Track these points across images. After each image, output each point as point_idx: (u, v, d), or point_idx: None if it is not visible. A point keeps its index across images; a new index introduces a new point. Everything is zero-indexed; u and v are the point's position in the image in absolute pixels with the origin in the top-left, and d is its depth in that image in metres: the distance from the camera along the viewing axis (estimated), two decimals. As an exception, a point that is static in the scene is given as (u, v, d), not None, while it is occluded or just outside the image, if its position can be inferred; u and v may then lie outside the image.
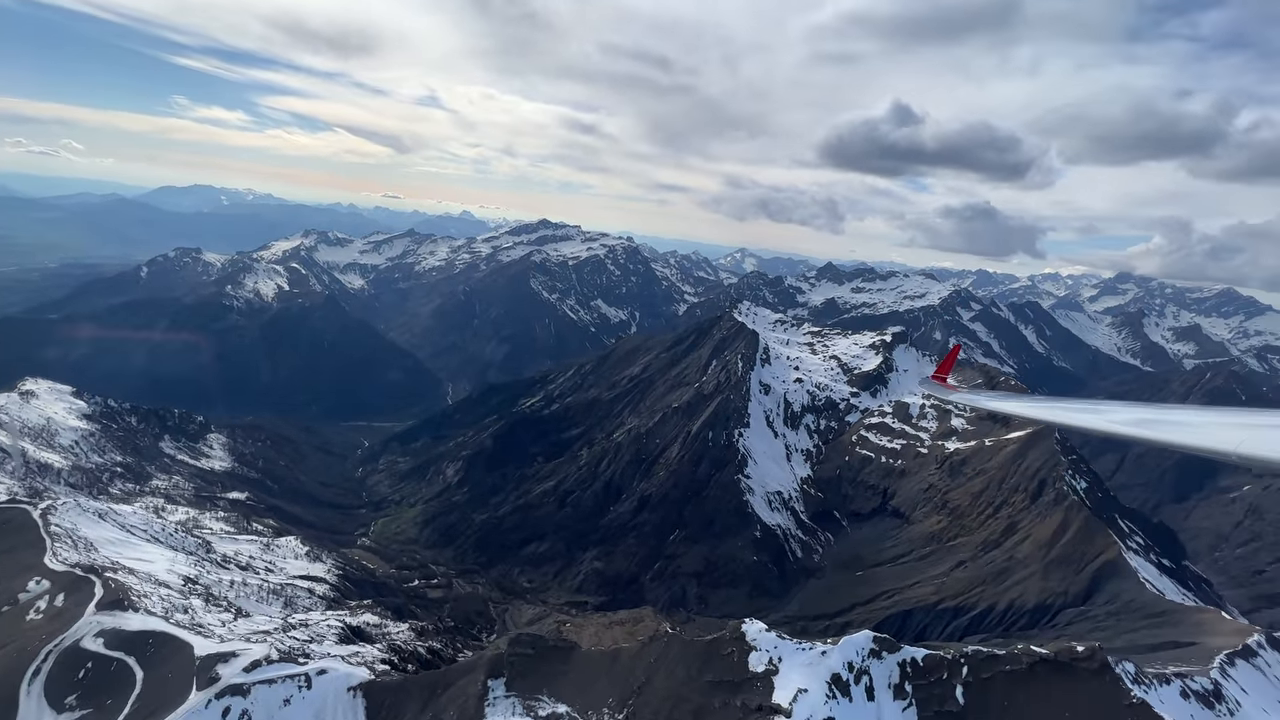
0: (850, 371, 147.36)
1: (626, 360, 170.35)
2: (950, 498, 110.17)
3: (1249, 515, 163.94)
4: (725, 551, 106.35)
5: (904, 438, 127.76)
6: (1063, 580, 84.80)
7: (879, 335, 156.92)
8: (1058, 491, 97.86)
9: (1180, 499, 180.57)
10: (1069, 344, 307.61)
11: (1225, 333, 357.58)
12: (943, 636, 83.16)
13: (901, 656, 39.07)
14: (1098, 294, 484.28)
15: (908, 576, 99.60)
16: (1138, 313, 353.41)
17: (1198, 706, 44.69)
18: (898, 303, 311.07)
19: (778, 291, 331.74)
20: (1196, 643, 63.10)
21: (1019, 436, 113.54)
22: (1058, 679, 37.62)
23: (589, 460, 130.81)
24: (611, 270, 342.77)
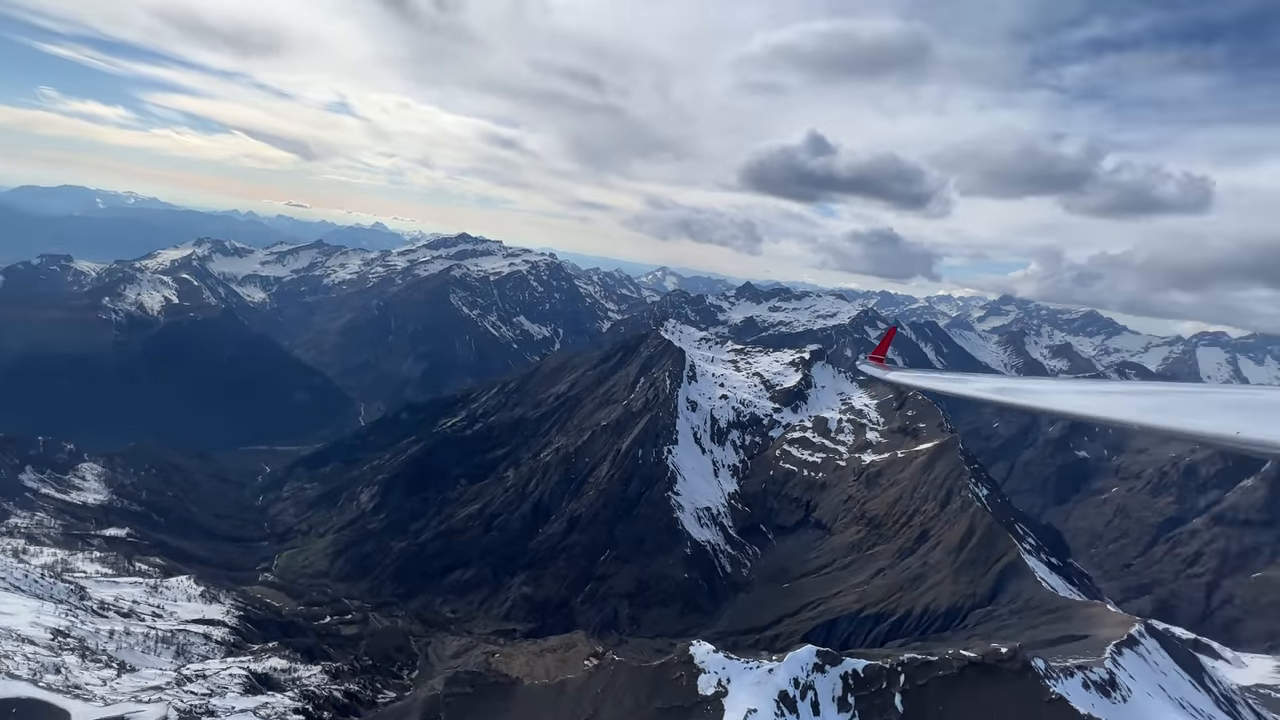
0: (773, 388, 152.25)
1: (552, 378, 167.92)
2: (868, 508, 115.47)
3: (1117, 514, 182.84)
4: (657, 570, 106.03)
5: (824, 451, 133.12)
6: (971, 583, 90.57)
7: (798, 353, 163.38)
8: (963, 499, 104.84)
9: (1061, 501, 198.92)
10: (963, 360, 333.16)
11: (1091, 350, 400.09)
12: (866, 643, 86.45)
13: (843, 669, 40.07)
14: (985, 314, 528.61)
15: (831, 586, 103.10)
16: (1019, 332, 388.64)
17: (1097, 696, 48.46)
18: (812, 321, 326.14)
19: (700, 310, 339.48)
20: (1088, 635, 68.94)
21: (928, 448, 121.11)
22: (985, 680, 39.82)
23: (516, 481, 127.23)
24: (534, 286, 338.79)
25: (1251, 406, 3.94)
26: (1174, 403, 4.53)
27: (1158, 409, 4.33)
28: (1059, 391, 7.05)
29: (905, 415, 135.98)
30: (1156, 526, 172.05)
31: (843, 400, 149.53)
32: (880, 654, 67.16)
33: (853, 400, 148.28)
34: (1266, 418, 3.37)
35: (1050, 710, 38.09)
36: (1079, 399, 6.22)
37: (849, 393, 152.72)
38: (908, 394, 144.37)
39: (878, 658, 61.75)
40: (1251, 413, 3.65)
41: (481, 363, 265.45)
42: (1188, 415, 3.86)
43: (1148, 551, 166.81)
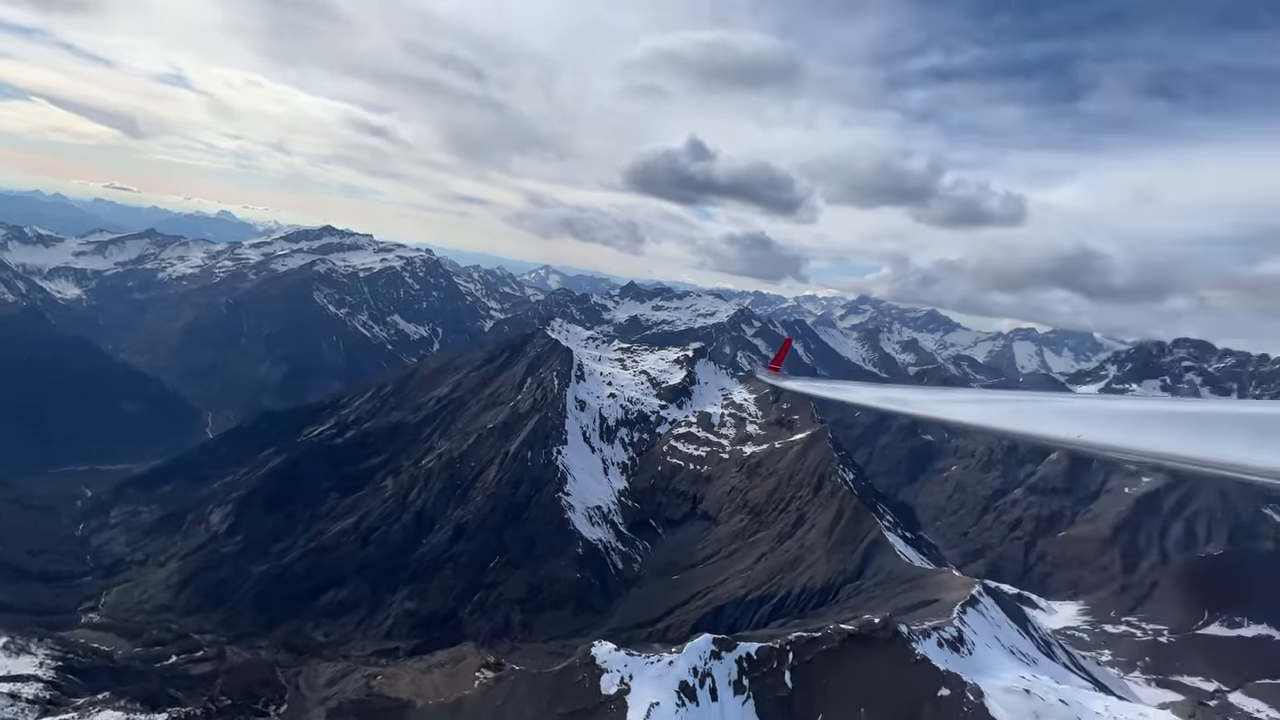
0: (659, 385, 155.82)
1: (433, 380, 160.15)
2: (750, 497, 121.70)
3: (956, 489, 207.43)
4: (549, 573, 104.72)
5: (708, 445, 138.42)
6: (841, 560, 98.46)
7: (682, 351, 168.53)
8: (833, 484, 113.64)
9: (911, 480, 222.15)
10: (828, 356, 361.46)
11: (932, 345, 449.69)
12: (751, 625, 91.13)
13: (738, 653, 41.98)
14: (845, 313, 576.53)
15: (718, 574, 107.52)
16: (875, 329, 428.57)
17: (949, 652, 54.57)
18: (693, 320, 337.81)
19: (585, 309, 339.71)
20: (939, 599, 77.46)
21: (801, 438, 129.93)
22: (862, 649, 43.52)
23: (395, 491, 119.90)
24: (410, 284, 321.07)
25: (1084, 414, 4.41)
26: (1021, 409, 5.16)
27: (1011, 415, 4.89)
28: (931, 401, 7.84)
29: (781, 408, 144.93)
30: (986, 498, 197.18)
31: (724, 396, 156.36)
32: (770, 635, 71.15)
33: (734, 395, 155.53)
34: (1098, 422, 3.88)
35: (915, 670, 42.43)
36: (946, 407, 6.99)
37: (730, 388, 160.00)
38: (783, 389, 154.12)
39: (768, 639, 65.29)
40: (1085, 419, 4.12)
41: (351, 365, 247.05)
42: (1033, 421, 4.39)
43: (980, 520, 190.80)
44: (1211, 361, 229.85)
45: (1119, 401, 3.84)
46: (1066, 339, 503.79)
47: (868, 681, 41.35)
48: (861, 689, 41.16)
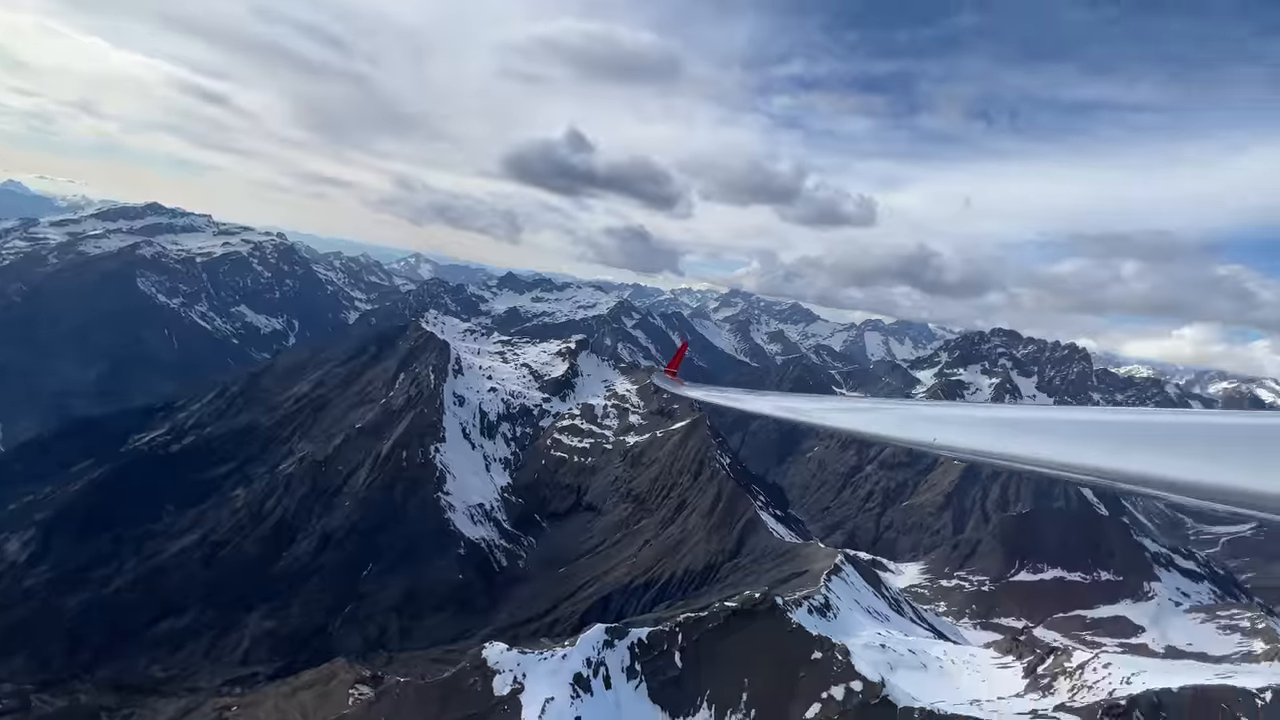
0: (541, 378, 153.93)
1: (290, 377, 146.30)
2: (633, 486, 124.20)
3: (819, 469, 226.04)
4: (429, 576, 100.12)
5: (591, 437, 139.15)
6: (720, 541, 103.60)
7: (564, 343, 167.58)
8: (712, 469, 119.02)
9: (780, 461, 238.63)
10: (704, 347, 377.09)
11: (796, 336, 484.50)
12: (638, 610, 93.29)
13: (630, 640, 42.89)
14: (719, 306, 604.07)
15: (603, 564, 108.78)
16: (746, 321, 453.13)
17: (819, 618, 59.45)
18: (573, 312, 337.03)
19: (461, 300, 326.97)
20: (808, 569, 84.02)
21: (681, 426, 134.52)
22: (745, 624, 46.23)
23: (248, 501, 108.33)
24: (259, 271, 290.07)
25: (942, 419, 5.07)
26: (888, 417, 5.88)
27: (884, 422, 5.59)
28: (822, 410, 8.59)
29: (662, 398, 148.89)
30: (844, 475, 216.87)
31: (607, 387, 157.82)
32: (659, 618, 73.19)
33: (616, 387, 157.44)
34: (952, 428, 4.37)
35: (792, 637, 45.87)
36: (835, 416, 7.70)
37: (612, 380, 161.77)
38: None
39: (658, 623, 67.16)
40: (942, 424, 4.73)
41: (188, 362, 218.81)
42: (900, 428, 4.97)
43: (839, 495, 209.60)
44: (1019, 349, 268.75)
45: (976, 410, 4.73)
46: (908, 329, 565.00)
47: (750, 653, 44.12)
48: (745, 660, 43.83)
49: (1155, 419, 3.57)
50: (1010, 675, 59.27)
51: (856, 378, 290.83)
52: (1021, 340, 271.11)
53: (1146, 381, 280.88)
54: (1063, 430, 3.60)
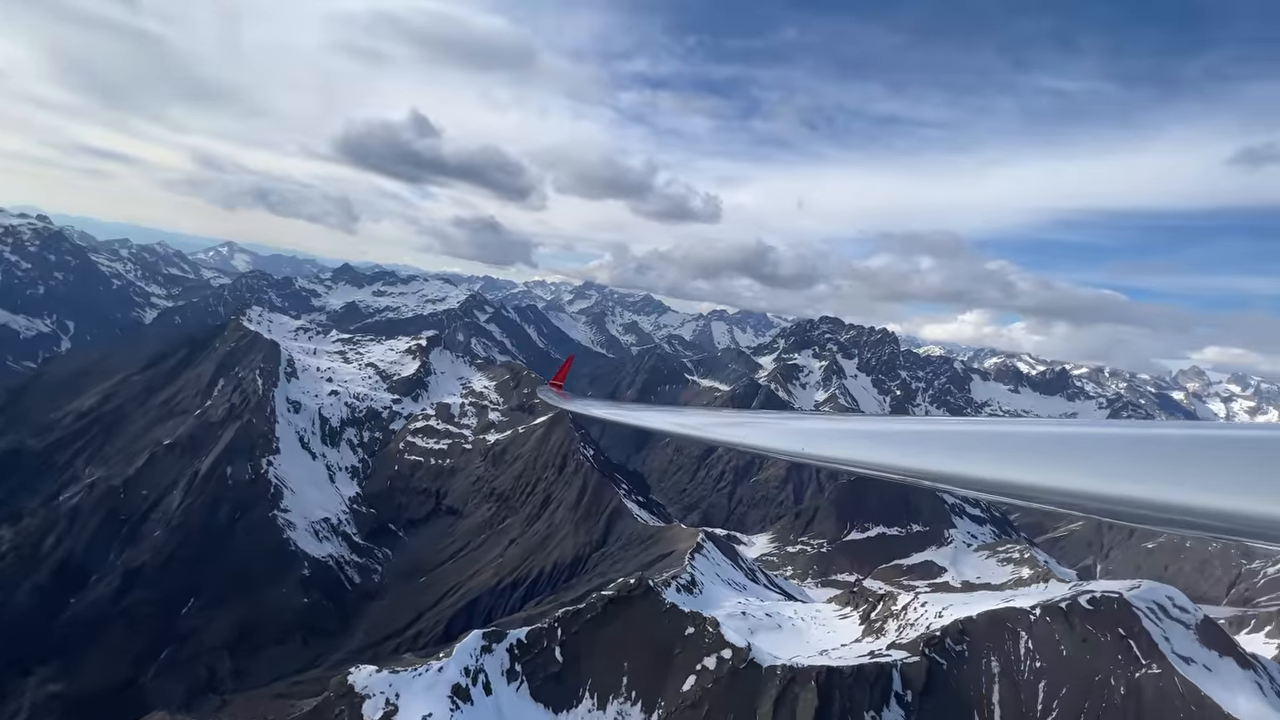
0: (389, 378, 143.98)
1: (68, 390, 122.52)
2: (496, 485, 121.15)
3: (675, 453, 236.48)
4: (267, 605, 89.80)
5: (449, 437, 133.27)
6: (588, 532, 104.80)
7: (414, 340, 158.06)
8: (576, 462, 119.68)
9: (639, 449, 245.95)
10: (560, 340, 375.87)
11: (649, 327, 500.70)
12: (507, 611, 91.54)
13: (509, 642, 42.10)
14: (573, 298, 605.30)
15: (468, 568, 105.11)
16: (601, 313, 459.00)
17: (687, 595, 62.77)
18: (421, 306, 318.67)
19: (288, 295, 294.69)
20: (673, 550, 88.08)
21: (544, 421, 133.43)
22: (624, 611, 47.47)
23: (17, 542, 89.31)
24: (14, 260, 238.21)
25: (813, 433, 5.46)
26: (764, 430, 6.29)
27: (761, 434, 5.95)
28: (708, 424, 8.94)
29: (522, 394, 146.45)
30: (698, 458, 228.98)
31: (463, 384, 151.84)
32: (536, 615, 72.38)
33: (473, 383, 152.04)
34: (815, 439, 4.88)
35: (667, 616, 48.04)
36: (716, 430, 8.19)
37: (468, 376, 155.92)
38: (523, 374, 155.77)
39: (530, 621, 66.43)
40: (809, 436, 5.20)
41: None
42: (780, 440, 5.36)
43: (695, 477, 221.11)
44: (842, 334, 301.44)
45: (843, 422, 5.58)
46: (749, 318, 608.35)
47: (628, 638, 45.47)
48: (623, 646, 45.10)
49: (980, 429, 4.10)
50: (850, 624, 67.17)
51: (706, 365, 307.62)
52: (844, 327, 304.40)
53: (939, 359, 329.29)
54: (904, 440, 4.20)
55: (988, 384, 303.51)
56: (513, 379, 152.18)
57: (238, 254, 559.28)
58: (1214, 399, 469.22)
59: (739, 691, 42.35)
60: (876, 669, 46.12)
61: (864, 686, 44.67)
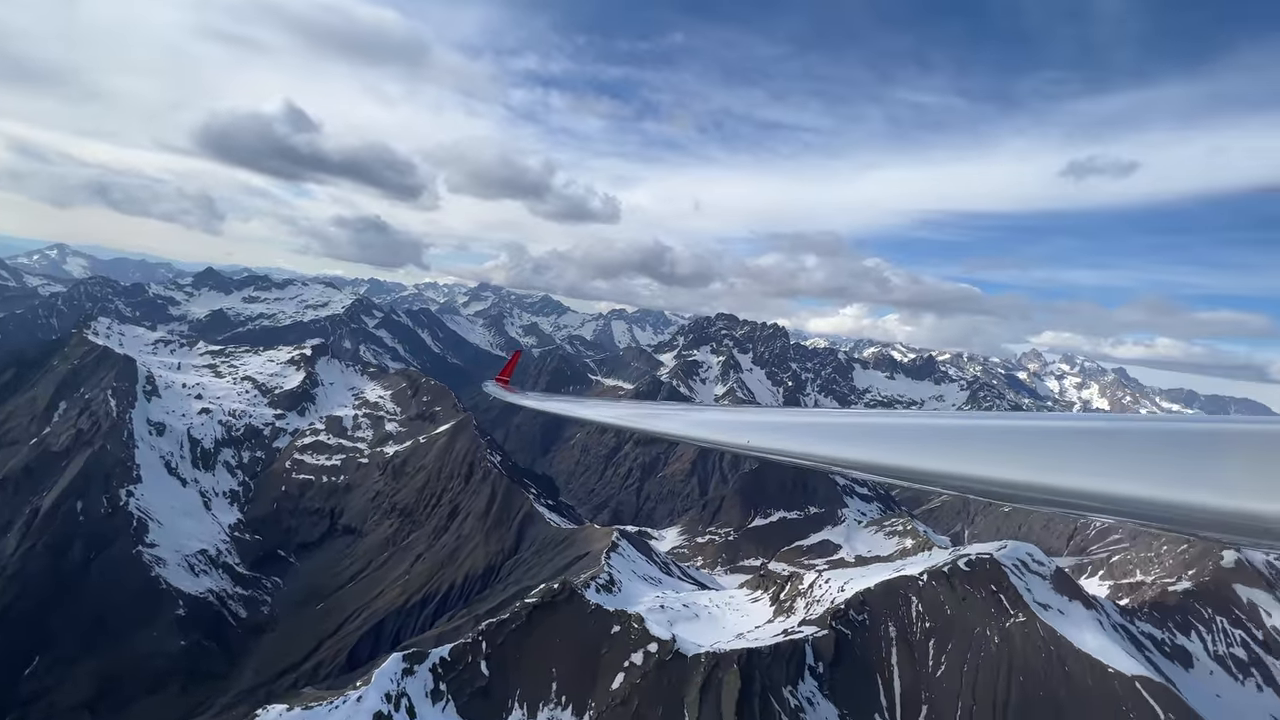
0: (271, 392, 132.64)
1: None
2: (398, 500, 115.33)
3: (582, 454, 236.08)
4: (136, 652, 79.98)
5: (342, 452, 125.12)
6: (499, 540, 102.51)
7: (297, 350, 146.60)
8: (484, 469, 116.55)
9: (546, 451, 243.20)
10: (457, 344, 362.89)
11: (549, 327, 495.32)
12: (416, 630, 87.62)
13: (431, 661, 40.48)
14: (469, 300, 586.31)
15: (371, 589, 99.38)
16: (499, 315, 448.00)
17: (608, 595, 63.32)
18: (301, 312, 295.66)
19: (140, 303, 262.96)
20: (589, 551, 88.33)
21: (446, 429, 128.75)
22: (549, 617, 47.09)
23: None
24: None
25: (755, 426, 5.32)
26: (713, 419, 6.18)
27: (706, 427, 5.86)
28: (646, 415, 8.75)
29: (421, 402, 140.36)
30: (605, 456, 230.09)
31: (355, 395, 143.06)
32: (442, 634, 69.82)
33: (366, 394, 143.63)
34: (760, 432, 4.88)
35: (593, 617, 48.28)
36: (659, 421, 7.77)
37: (361, 386, 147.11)
38: (421, 381, 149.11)
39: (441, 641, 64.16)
40: (757, 429, 5.07)
41: None
42: (727, 433, 5.24)
43: (603, 476, 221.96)
44: (737, 330, 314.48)
45: (780, 414, 5.64)
46: (648, 317, 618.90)
47: (555, 643, 45.23)
48: (550, 652, 44.80)
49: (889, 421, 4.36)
50: (761, 606, 70.71)
51: (609, 364, 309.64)
52: (739, 323, 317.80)
53: (825, 351, 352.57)
54: (838, 432, 4.30)
55: (867, 372, 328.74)
56: (410, 387, 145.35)
57: (71, 257, 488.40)
58: (1050, 377, 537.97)
59: (666, 683, 43.52)
60: (791, 646, 49.08)
61: (781, 664, 47.41)
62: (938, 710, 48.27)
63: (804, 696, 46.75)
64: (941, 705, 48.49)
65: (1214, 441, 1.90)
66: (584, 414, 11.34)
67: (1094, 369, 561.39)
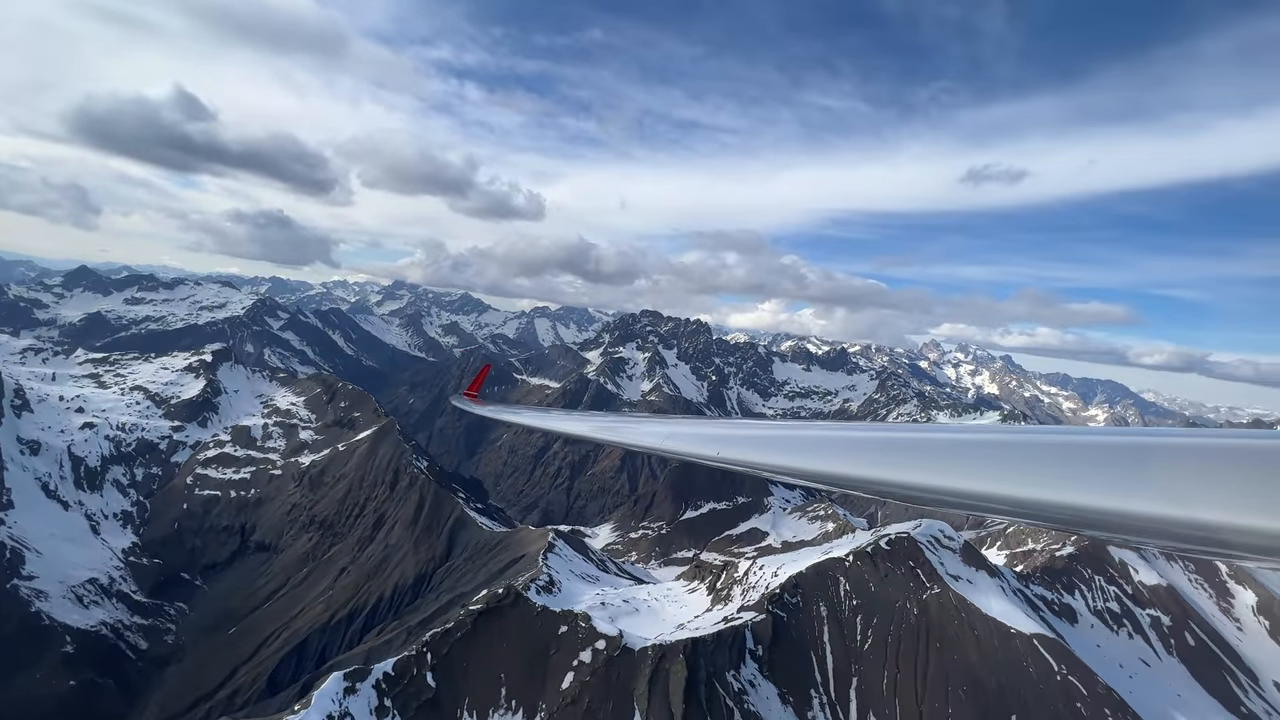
0: (166, 402, 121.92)
1: None
2: (317, 512, 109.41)
3: (510, 455, 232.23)
4: (18, 697, 71.70)
5: (252, 464, 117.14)
6: (430, 548, 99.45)
7: (196, 356, 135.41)
8: (410, 475, 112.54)
9: (471, 454, 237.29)
10: (372, 345, 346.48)
11: (470, 326, 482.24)
12: (345, 646, 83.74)
13: (374, 677, 39.05)
14: (382, 299, 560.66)
15: (291, 607, 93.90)
16: (416, 314, 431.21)
17: (549, 596, 63.20)
18: (194, 315, 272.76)
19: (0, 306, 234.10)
20: (525, 553, 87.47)
21: (367, 436, 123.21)
22: (494, 622, 46.53)
23: None
24: None
25: (723, 438, 5.38)
26: (689, 432, 6.09)
27: (675, 438, 5.77)
28: (623, 425, 8.61)
29: (339, 408, 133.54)
30: (533, 457, 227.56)
31: (264, 403, 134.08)
32: (371, 649, 67.24)
33: (276, 401, 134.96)
34: (730, 444, 4.99)
35: (540, 619, 48.17)
36: (635, 434, 7.51)
37: (270, 393, 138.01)
38: (337, 386, 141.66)
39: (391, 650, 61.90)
40: (721, 442, 5.20)
41: None
42: (697, 445, 5.32)
43: (531, 476, 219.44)
44: (662, 326, 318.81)
45: (748, 428, 5.60)
46: (572, 314, 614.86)
47: (502, 648, 44.77)
48: (498, 657, 44.33)
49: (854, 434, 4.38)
50: (699, 596, 72.79)
51: (535, 363, 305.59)
52: (664, 319, 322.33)
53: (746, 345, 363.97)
54: (807, 445, 4.35)
55: (786, 365, 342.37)
56: (325, 392, 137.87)
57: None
58: (948, 365, 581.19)
59: (615, 678, 44.22)
60: (732, 632, 51.08)
61: (724, 650, 49.27)
62: (866, 681, 51.78)
63: (745, 680, 48.83)
64: (870, 676, 52.05)
65: (1156, 453, 2.05)
66: (557, 427, 11.14)
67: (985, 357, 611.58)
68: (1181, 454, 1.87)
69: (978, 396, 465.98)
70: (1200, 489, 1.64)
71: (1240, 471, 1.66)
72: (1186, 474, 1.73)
